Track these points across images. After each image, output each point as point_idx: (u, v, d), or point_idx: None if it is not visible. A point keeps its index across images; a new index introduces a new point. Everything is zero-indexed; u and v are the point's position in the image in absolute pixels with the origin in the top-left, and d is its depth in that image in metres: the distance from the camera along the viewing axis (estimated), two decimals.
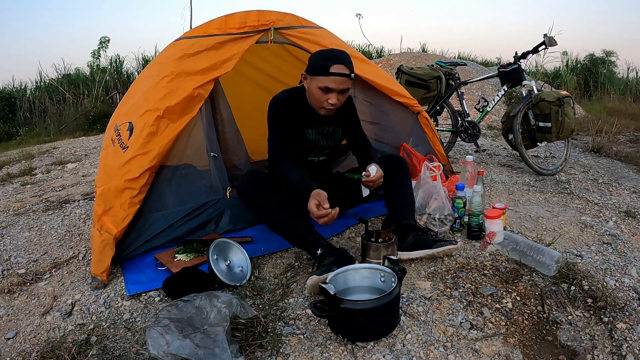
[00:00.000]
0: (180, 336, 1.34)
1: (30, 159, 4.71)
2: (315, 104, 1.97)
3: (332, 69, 1.86)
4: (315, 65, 1.91)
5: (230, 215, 2.25)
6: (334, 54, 1.92)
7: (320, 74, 1.88)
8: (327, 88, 1.89)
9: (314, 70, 1.91)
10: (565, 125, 3.19)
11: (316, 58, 1.94)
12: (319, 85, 1.89)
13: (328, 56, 1.91)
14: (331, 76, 1.87)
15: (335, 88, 1.89)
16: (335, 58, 1.89)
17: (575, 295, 1.72)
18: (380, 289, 1.63)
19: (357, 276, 1.68)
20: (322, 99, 1.93)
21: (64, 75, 9.40)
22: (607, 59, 10.55)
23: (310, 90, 1.96)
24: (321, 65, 1.88)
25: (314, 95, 1.94)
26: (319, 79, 1.89)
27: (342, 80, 1.88)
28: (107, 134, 2.36)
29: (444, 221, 2.23)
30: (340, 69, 1.87)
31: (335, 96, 1.91)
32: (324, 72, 1.87)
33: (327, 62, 1.87)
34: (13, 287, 1.91)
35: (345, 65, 1.88)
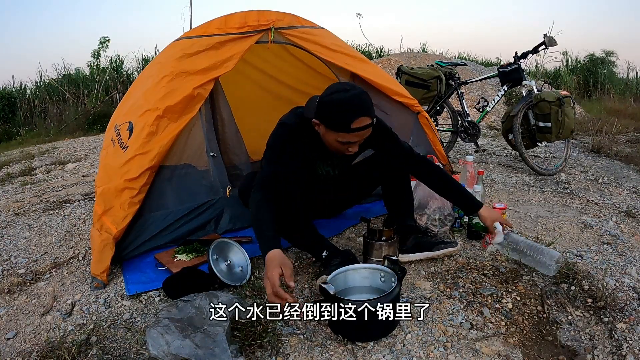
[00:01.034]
0: (180, 336, 1.34)
1: (30, 159, 4.71)
2: (333, 150, 1.75)
3: (354, 124, 1.59)
4: (331, 118, 1.63)
5: (230, 215, 2.26)
6: (353, 105, 1.60)
7: (341, 130, 1.62)
8: (349, 142, 1.67)
9: (330, 124, 1.64)
10: (565, 125, 3.19)
11: (332, 109, 1.62)
12: (339, 140, 1.66)
13: (347, 108, 1.59)
14: (354, 132, 1.62)
15: (358, 141, 1.69)
16: (356, 111, 1.59)
17: (575, 295, 1.72)
18: (381, 289, 1.63)
19: (357, 276, 1.68)
20: (341, 149, 1.71)
21: (64, 75, 9.40)
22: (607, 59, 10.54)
23: (326, 139, 1.71)
24: (340, 120, 1.61)
25: (332, 146, 1.71)
26: (339, 135, 1.64)
27: (365, 132, 1.65)
28: (107, 134, 2.36)
29: (444, 221, 2.23)
30: (362, 121, 1.60)
31: (356, 146, 1.71)
32: (345, 128, 1.61)
33: (348, 118, 1.59)
34: (13, 287, 1.91)
35: (368, 114, 1.61)
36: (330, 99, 1.63)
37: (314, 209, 2.21)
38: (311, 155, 1.92)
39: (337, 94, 1.63)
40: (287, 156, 1.76)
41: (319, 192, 2.15)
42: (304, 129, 1.77)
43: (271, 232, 1.59)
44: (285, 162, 1.75)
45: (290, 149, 1.77)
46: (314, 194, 2.13)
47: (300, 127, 1.78)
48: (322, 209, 2.29)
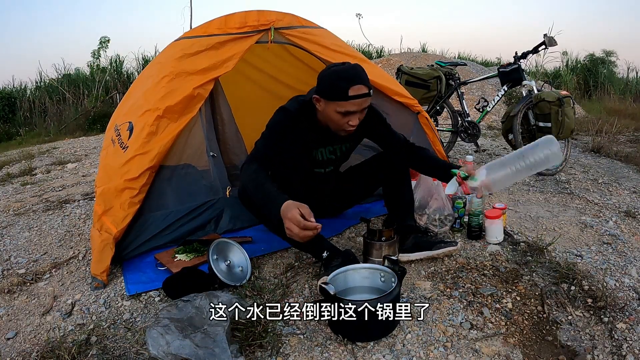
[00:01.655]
0: (180, 336, 1.34)
1: (30, 159, 4.71)
2: (334, 127, 1.80)
3: (351, 92, 1.67)
4: (330, 88, 1.71)
5: (230, 215, 2.26)
6: (349, 74, 1.71)
7: (338, 99, 1.69)
8: (348, 112, 1.72)
9: (329, 94, 1.72)
10: (566, 125, 3.19)
11: (330, 80, 1.72)
12: (338, 110, 1.72)
13: (343, 77, 1.69)
14: (352, 99, 1.69)
15: (357, 110, 1.73)
16: (353, 78, 1.69)
17: (575, 295, 1.72)
18: (381, 289, 1.63)
19: (357, 276, 1.68)
20: (341, 122, 1.75)
21: (64, 75, 9.40)
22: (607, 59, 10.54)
23: (326, 114, 1.77)
24: (338, 89, 1.68)
25: (332, 119, 1.76)
26: (338, 104, 1.70)
27: (362, 101, 1.71)
28: (107, 134, 2.36)
29: (444, 221, 2.23)
30: (359, 89, 1.68)
31: (357, 117, 1.75)
32: (343, 96, 1.68)
33: (345, 85, 1.67)
34: (13, 287, 1.91)
35: (364, 84, 1.70)
36: (328, 71, 1.75)
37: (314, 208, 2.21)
38: (311, 140, 1.94)
39: (334, 67, 1.77)
40: (288, 142, 1.81)
41: (319, 192, 2.15)
42: (304, 114, 1.84)
43: (276, 191, 1.61)
44: (282, 146, 1.80)
45: (290, 134, 1.81)
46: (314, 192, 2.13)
47: (300, 112, 1.83)
48: (322, 208, 2.29)
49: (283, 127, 1.80)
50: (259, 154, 1.76)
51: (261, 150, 1.77)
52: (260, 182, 1.65)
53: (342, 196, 2.26)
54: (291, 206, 1.51)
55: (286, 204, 1.53)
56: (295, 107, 1.84)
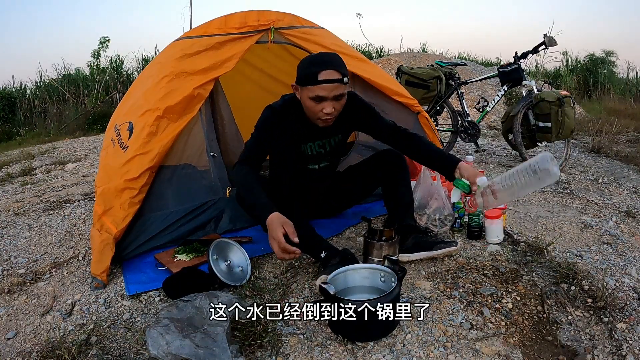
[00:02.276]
0: (180, 336, 1.34)
1: (30, 159, 4.71)
2: (311, 115, 1.81)
3: (320, 76, 1.68)
4: (302, 74, 1.74)
5: (230, 215, 2.26)
6: (321, 59, 1.74)
7: (309, 83, 1.71)
8: (319, 97, 1.72)
9: (302, 79, 1.74)
10: (565, 125, 3.19)
11: (303, 66, 1.76)
12: (310, 95, 1.73)
13: (315, 62, 1.73)
14: (321, 84, 1.69)
15: (327, 96, 1.72)
16: (323, 63, 1.71)
17: (575, 295, 1.72)
18: (380, 289, 1.63)
19: (357, 276, 1.68)
20: (315, 110, 1.76)
21: (64, 75, 9.40)
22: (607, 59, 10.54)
23: (303, 101, 1.79)
24: (309, 73, 1.71)
25: (307, 106, 1.78)
26: (309, 89, 1.72)
27: (333, 87, 1.71)
28: (107, 134, 2.36)
29: (444, 221, 2.23)
30: (329, 74, 1.69)
31: (329, 104, 1.74)
32: (313, 80, 1.69)
33: (315, 69, 1.69)
34: (13, 287, 1.91)
35: (336, 70, 1.70)
36: (304, 59, 1.80)
37: (314, 208, 2.22)
38: (298, 134, 1.95)
39: (310, 56, 1.83)
40: (275, 138, 1.85)
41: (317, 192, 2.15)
42: (290, 109, 1.87)
43: (264, 199, 1.66)
44: (271, 143, 1.84)
45: (277, 129, 1.84)
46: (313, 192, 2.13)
47: (285, 107, 1.87)
48: (322, 208, 2.29)
49: (269, 124, 1.84)
50: (249, 154, 1.81)
51: (251, 150, 1.82)
52: (250, 187, 1.70)
53: (341, 196, 2.26)
54: (276, 223, 1.55)
55: (272, 218, 1.57)
56: (280, 104, 1.88)
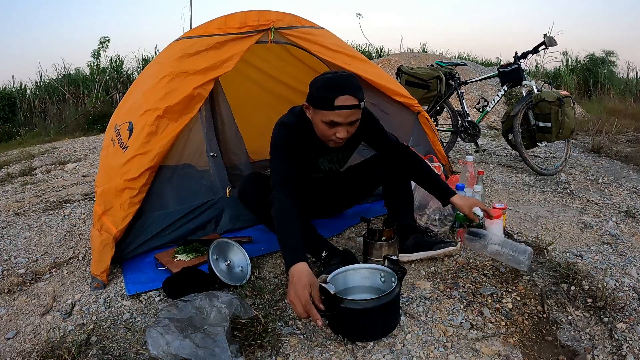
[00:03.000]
0: (180, 336, 1.34)
1: (30, 159, 4.71)
2: (322, 137, 1.75)
3: (337, 102, 1.61)
4: (317, 96, 1.65)
5: (230, 215, 2.26)
6: (338, 83, 1.64)
7: (324, 108, 1.63)
8: (333, 122, 1.65)
9: (316, 102, 1.66)
10: (565, 125, 3.19)
11: (318, 88, 1.66)
12: (324, 120, 1.66)
13: (332, 86, 1.63)
14: (337, 110, 1.62)
15: (342, 122, 1.65)
16: (340, 88, 1.62)
17: (575, 295, 1.72)
18: (381, 289, 1.63)
19: (357, 276, 1.68)
20: (328, 134, 1.70)
21: (64, 75, 9.41)
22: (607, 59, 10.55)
23: (315, 123, 1.72)
24: (325, 97, 1.62)
25: (319, 129, 1.71)
26: (323, 113, 1.64)
27: (349, 113, 1.64)
28: (107, 134, 2.36)
29: (444, 221, 2.23)
30: (347, 100, 1.61)
31: (343, 130, 1.68)
32: (329, 105, 1.62)
33: (331, 94, 1.61)
34: (13, 287, 1.91)
35: (353, 95, 1.62)
36: (319, 78, 1.70)
37: (314, 208, 2.22)
38: (312, 152, 1.92)
39: (326, 74, 1.72)
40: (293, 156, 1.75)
41: (318, 192, 2.15)
42: (303, 126, 1.79)
43: (299, 242, 1.52)
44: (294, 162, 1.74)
45: (293, 148, 1.76)
46: (313, 193, 2.13)
47: (299, 124, 1.79)
48: (322, 208, 2.29)
49: (288, 140, 1.76)
50: (286, 174, 1.68)
51: (284, 171, 1.69)
52: (285, 224, 1.56)
53: (341, 196, 2.26)
54: (305, 279, 1.41)
55: (300, 270, 1.44)
56: (292, 120, 1.80)
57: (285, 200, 1.61)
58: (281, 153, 1.74)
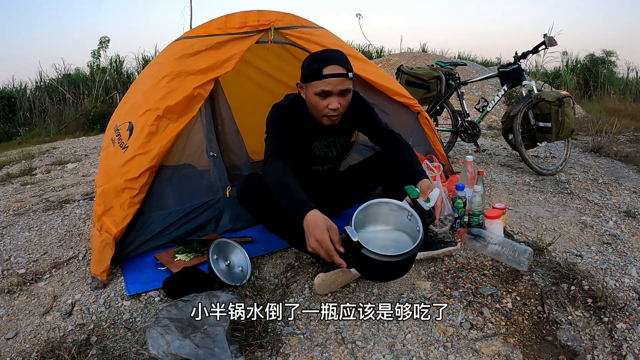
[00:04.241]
0: (180, 336, 1.34)
1: (30, 159, 4.71)
2: (317, 113, 1.80)
3: (325, 71, 1.69)
4: (307, 70, 1.75)
5: (230, 215, 2.26)
6: (325, 55, 1.76)
7: (314, 79, 1.71)
8: (324, 92, 1.71)
9: (306, 76, 1.75)
10: (565, 125, 3.19)
11: (307, 62, 1.77)
12: (315, 91, 1.72)
13: (319, 57, 1.74)
14: (326, 78, 1.69)
15: (332, 90, 1.71)
16: (327, 59, 1.72)
17: (575, 295, 1.72)
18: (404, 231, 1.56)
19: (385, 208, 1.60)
20: (321, 106, 1.75)
21: (64, 75, 9.41)
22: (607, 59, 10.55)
23: (308, 99, 1.79)
24: (313, 69, 1.71)
25: (313, 103, 1.77)
26: (314, 84, 1.72)
27: (338, 81, 1.70)
28: (107, 134, 2.36)
29: (444, 221, 2.23)
30: (334, 69, 1.69)
31: (335, 100, 1.73)
32: (317, 75, 1.70)
33: (319, 64, 1.70)
34: (13, 287, 1.91)
35: (340, 65, 1.71)
36: (307, 57, 1.80)
37: None
38: (306, 134, 1.94)
39: (314, 53, 1.83)
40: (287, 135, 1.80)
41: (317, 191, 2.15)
42: (296, 108, 1.85)
43: (303, 195, 1.53)
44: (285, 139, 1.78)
45: (287, 128, 1.81)
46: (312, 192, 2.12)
47: (292, 106, 1.85)
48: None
49: (283, 120, 1.82)
50: (279, 148, 1.73)
51: (278, 144, 1.74)
52: (285, 182, 1.59)
53: (341, 195, 2.26)
54: (322, 225, 1.43)
55: (315, 219, 1.45)
56: (287, 102, 1.87)
57: (282, 166, 1.65)
58: (275, 131, 1.79)
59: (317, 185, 2.14)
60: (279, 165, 1.65)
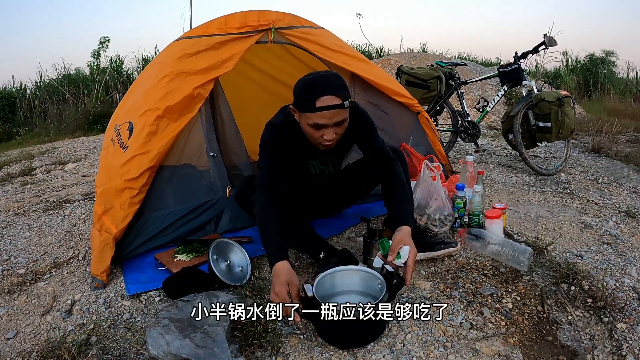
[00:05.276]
0: (180, 336, 1.34)
1: (30, 159, 4.71)
2: (311, 140, 1.69)
3: (319, 103, 1.53)
4: (299, 99, 1.60)
5: (230, 215, 2.26)
6: (318, 83, 1.56)
7: (306, 110, 1.57)
8: (317, 125, 1.58)
9: (299, 105, 1.61)
10: (565, 125, 3.19)
11: (299, 90, 1.61)
12: (309, 123, 1.60)
13: (312, 87, 1.56)
14: (319, 112, 1.55)
15: (327, 124, 1.58)
16: (321, 88, 1.54)
17: (575, 295, 1.72)
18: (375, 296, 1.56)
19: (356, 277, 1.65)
20: (316, 136, 1.63)
21: (64, 75, 9.40)
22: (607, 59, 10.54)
23: (302, 126, 1.66)
24: (306, 100, 1.56)
25: (307, 132, 1.65)
26: (307, 116, 1.58)
27: (333, 113, 1.55)
28: (107, 134, 2.36)
29: (444, 221, 2.23)
30: (328, 100, 1.53)
31: (330, 131, 1.60)
32: (310, 107, 1.55)
33: (312, 95, 1.54)
34: (13, 287, 1.91)
35: (335, 95, 1.54)
36: (300, 80, 1.63)
37: (313, 208, 2.21)
38: (301, 153, 1.88)
39: (308, 75, 1.64)
40: (279, 157, 1.74)
41: (316, 192, 2.15)
42: (290, 126, 1.74)
43: (278, 242, 1.56)
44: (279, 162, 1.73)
45: (279, 148, 1.73)
46: (312, 192, 2.13)
47: (286, 124, 1.75)
48: (321, 208, 2.29)
49: (277, 141, 1.74)
50: (269, 175, 1.68)
51: (269, 170, 1.69)
52: (265, 222, 1.61)
53: (341, 196, 2.26)
54: (282, 279, 1.47)
55: (279, 271, 1.50)
56: (280, 121, 1.76)
57: (266, 201, 1.63)
58: (267, 153, 1.72)
59: (316, 185, 2.14)
60: (264, 200, 1.64)
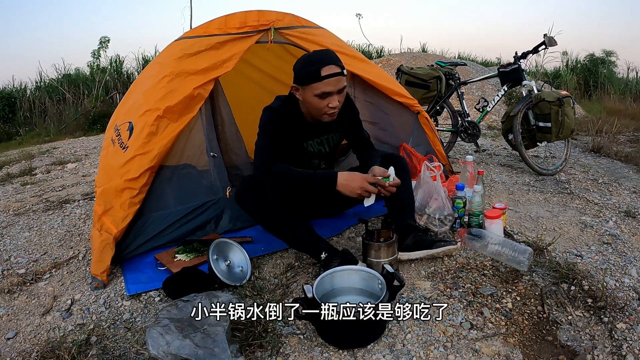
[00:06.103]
0: (180, 336, 1.34)
1: (30, 159, 4.71)
2: (316, 113, 1.85)
3: (323, 72, 1.74)
4: (303, 73, 1.79)
5: (230, 215, 2.26)
6: (318, 56, 1.81)
7: (312, 81, 1.76)
8: (325, 93, 1.77)
9: (303, 79, 1.80)
10: (565, 125, 3.19)
11: (302, 65, 1.82)
12: (315, 93, 1.78)
13: (314, 60, 1.79)
14: (325, 79, 1.75)
15: (332, 90, 1.78)
16: (322, 60, 1.77)
17: (575, 295, 1.72)
18: (376, 295, 1.58)
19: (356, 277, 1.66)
20: (321, 106, 1.81)
21: (64, 75, 9.40)
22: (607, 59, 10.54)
23: (306, 100, 1.84)
24: (310, 71, 1.76)
25: (312, 104, 1.82)
26: (313, 87, 1.77)
27: (336, 80, 1.77)
28: (107, 134, 2.36)
29: (444, 221, 2.23)
30: (331, 69, 1.75)
31: (335, 98, 1.80)
32: (316, 78, 1.75)
33: (316, 67, 1.75)
34: (13, 287, 1.91)
35: (335, 64, 1.77)
36: (298, 60, 1.86)
37: (314, 208, 2.22)
38: (298, 134, 1.98)
39: (305, 55, 1.90)
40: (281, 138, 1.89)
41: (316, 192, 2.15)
42: (288, 110, 1.92)
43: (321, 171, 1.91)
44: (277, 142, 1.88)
45: (278, 129, 1.88)
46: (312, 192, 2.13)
47: (284, 108, 1.92)
48: (321, 208, 2.29)
49: (275, 123, 1.88)
50: (272, 150, 1.85)
51: (270, 147, 1.85)
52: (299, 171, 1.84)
53: (341, 195, 2.25)
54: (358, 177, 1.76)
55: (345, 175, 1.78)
56: (278, 104, 1.93)
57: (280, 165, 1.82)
58: (267, 134, 1.87)
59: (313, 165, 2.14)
60: (279, 165, 1.82)
